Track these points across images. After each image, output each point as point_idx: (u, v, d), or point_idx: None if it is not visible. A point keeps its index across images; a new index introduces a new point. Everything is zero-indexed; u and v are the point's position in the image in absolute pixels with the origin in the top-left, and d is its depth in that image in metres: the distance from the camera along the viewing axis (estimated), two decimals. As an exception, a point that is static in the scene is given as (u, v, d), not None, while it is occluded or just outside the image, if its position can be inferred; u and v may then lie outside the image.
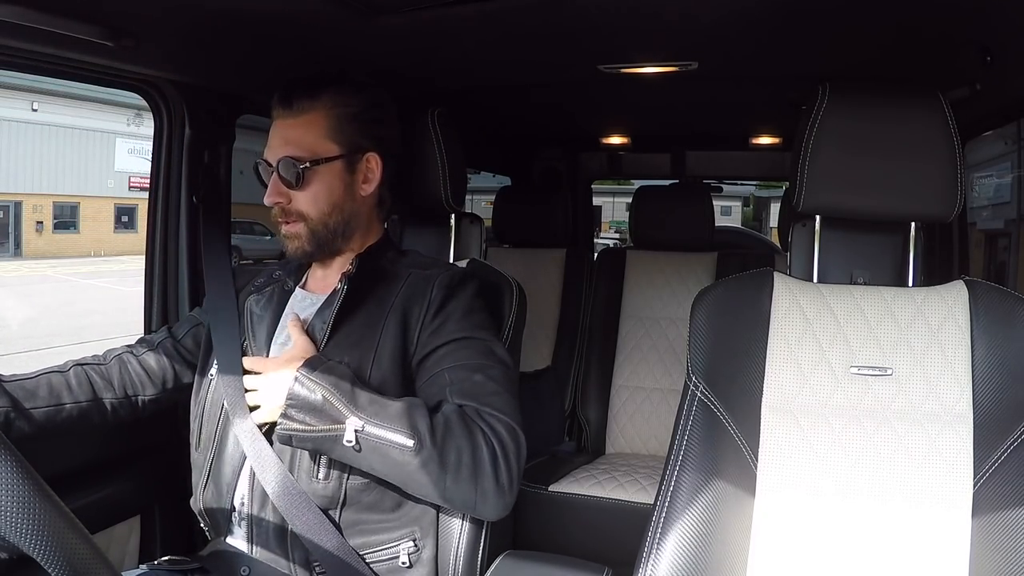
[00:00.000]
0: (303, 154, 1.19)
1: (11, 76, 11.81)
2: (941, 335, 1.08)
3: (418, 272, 1.22)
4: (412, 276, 1.22)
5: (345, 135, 1.21)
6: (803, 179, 1.11)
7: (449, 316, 1.17)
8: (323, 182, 1.20)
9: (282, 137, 1.21)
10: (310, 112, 1.20)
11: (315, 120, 1.20)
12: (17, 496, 0.59)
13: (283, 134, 1.21)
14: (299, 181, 1.19)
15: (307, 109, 1.20)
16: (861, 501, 1.06)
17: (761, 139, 2.96)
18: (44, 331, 9.26)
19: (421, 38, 1.47)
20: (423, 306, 1.17)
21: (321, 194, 1.21)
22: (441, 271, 1.22)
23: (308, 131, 1.20)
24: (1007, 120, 2.14)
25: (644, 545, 1.04)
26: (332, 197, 1.21)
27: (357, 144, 1.22)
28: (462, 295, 1.20)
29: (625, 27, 1.41)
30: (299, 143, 1.19)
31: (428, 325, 1.17)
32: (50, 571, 0.60)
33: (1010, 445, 1.02)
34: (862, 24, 1.36)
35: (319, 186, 1.20)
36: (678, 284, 2.53)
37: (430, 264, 1.26)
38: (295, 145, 1.19)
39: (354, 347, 1.16)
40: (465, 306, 1.19)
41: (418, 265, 1.25)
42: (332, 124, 1.21)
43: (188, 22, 1.25)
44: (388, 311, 1.18)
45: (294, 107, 1.20)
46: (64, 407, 1.21)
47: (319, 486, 1.12)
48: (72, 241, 19.98)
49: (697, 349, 1.11)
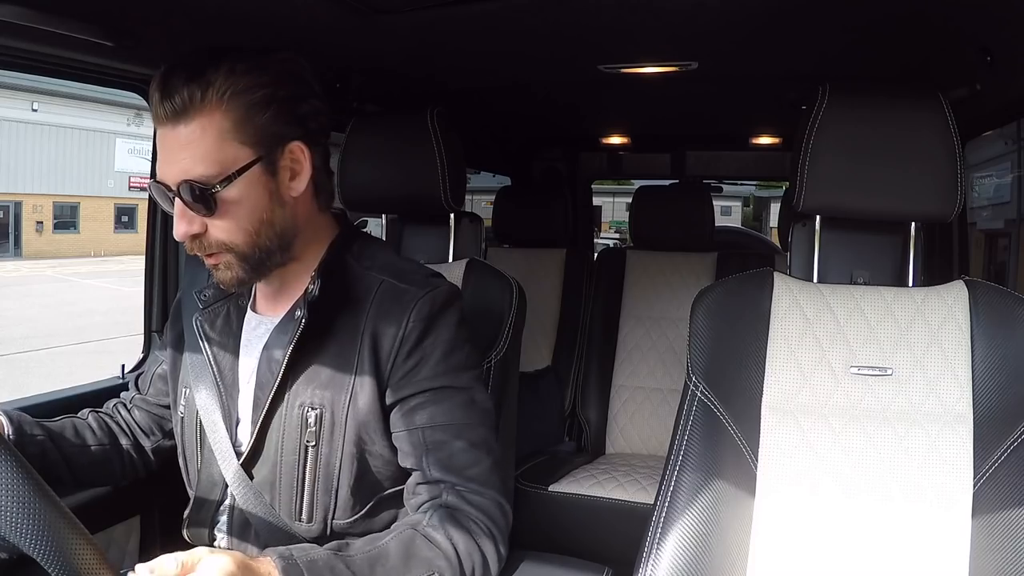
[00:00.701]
0: (208, 171, 0.92)
1: (11, 76, 11.82)
2: (941, 335, 1.08)
3: (391, 284, 1.03)
4: (383, 289, 1.03)
5: (256, 130, 0.94)
6: (803, 179, 1.11)
7: (425, 357, 1.00)
8: (242, 199, 0.95)
9: (174, 151, 0.93)
10: (202, 109, 0.91)
11: (211, 120, 0.92)
12: (17, 496, 0.59)
13: (174, 146, 0.93)
14: (211, 208, 0.93)
15: (196, 106, 0.91)
16: (861, 501, 1.06)
17: (761, 139, 2.96)
18: (44, 331, 9.26)
19: (421, 38, 1.47)
20: (396, 336, 0.99)
21: (242, 214, 0.95)
22: (418, 293, 1.01)
23: (205, 137, 0.92)
24: (1007, 120, 2.14)
25: (644, 545, 1.04)
26: (257, 214, 0.96)
27: (273, 137, 0.96)
28: (442, 328, 1.01)
29: (625, 27, 1.41)
30: (198, 156, 0.92)
31: (401, 364, 1.00)
32: (50, 571, 0.60)
33: (1010, 445, 1.02)
34: (862, 24, 1.36)
35: (238, 207, 0.95)
36: (678, 284, 2.53)
37: (404, 274, 1.05)
38: (193, 159, 0.92)
39: (325, 387, 1.01)
40: (445, 344, 1.01)
41: (390, 272, 1.05)
42: (235, 119, 0.92)
43: (188, 22, 1.25)
44: (360, 337, 1.00)
45: (178, 105, 0.91)
46: (89, 448, 1.15)
47: (303, 528, 1.04)
48: (72, 241, 19.99)
49: (697, 349, 1.11)
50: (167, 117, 0.92)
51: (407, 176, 1.43)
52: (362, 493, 1.04)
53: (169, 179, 0.94)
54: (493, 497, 1.00)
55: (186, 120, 0.92)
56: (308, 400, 1.01)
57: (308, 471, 1.02)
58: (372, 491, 1.05)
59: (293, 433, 1.02)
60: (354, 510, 1.04)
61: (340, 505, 1.03)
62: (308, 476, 1.02)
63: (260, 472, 1.05)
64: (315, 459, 1.02)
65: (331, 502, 1.03)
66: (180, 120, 0.92)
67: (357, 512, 1.04)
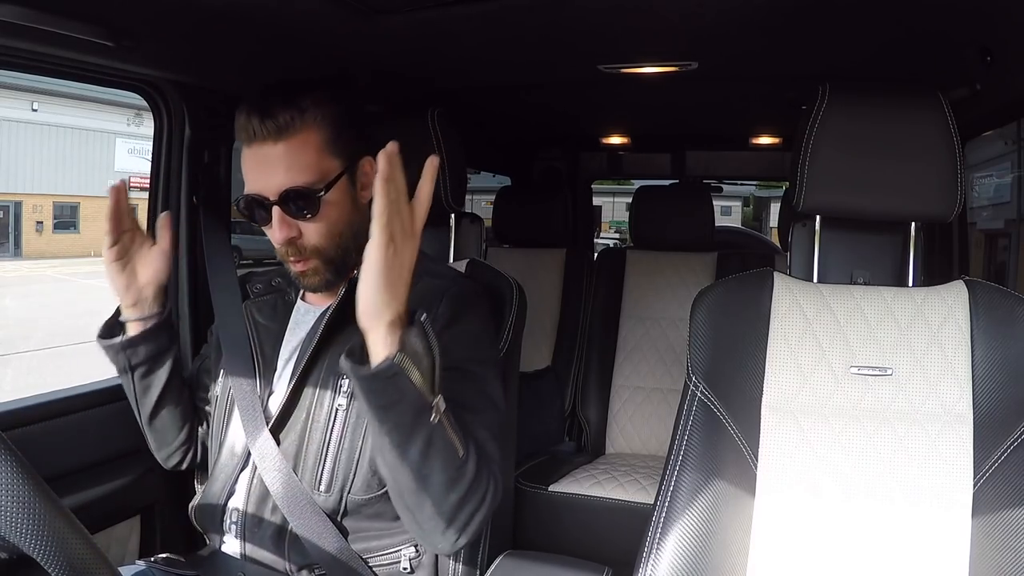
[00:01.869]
0: (310, 179, 1.05)
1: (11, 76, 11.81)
2: (941, 335, 1.08)
3: (427, 280, 1.11)
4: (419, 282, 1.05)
5: (342, 145, 1.09)
6: (803, 179, 1.11)
7: (455, 340, 1.06)
8: (336, 205, 1.09)
9: (276, 164, 1.05)
10: (302, 128, 1.05)
11: (310, 136, 1.06)
12: (17, 496, 0.59)
13: (276, 160, 1.05)
14: (314, 211, 1.06)
15: (297, 124, 1.05)
16: (861, 501, 1.06)
17: (761, 139, 2.96)
18: (44, 331, 9.26)
19: (421, 38, 1.47)
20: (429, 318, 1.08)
21: (334, 219, 1.09)
22: (451, 285, 1.12)
23: (306, 151, 1.06)
24: (1007, 120, 2.14)
25: (644, 545, 1.04)
26: (345, 217, 1.10)
27: (354, 152, 1.11)
28: (473, 317, 1.10)
29: (625, 27, 1.41)
30: (302, 167, 1.05)
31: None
32: (50, 571, 0.60)
33: (1010, 445, 1.02)
34: (862, 24, 1.36)
35: (333, 211, 1.08)
36: (678, 284, 2.53)
37: (439, 272, 1.17)
38: (298, 170, 1.05)
39: None
40: (474, 333, 1.10)
41: (426, 271, 1.13)
42: (328, 136, 1.08)
43: (188, 22, 1.25)
44: None
45: (280, 123, 1.04)
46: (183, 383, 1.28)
47: (320, 498, 1.10)
48: (72, 241, 19.97)
49: (697, 349, 1.11)
50: (268, 135, 1.04)
51: (407, 176, 1.43)
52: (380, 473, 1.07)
53: (270, 190, 1.06)
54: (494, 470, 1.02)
55: (287, 137, 1.05)
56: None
57: (335, 436, 1.10)
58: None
59: (326, 398, 1.11)
60: (370, 487, 1.09)
61: (359, 479, 1.09)
62: (334, 442, 1.10)
63: (287, 439, 1.12)
64: (343, 424, 1.10)
65: (351, 474, 1.09)
66: (282, 138, 1.05)
67: (373, 491, 1.09)
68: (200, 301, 1.66)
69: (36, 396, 1.44)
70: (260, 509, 1.13)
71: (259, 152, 1.06)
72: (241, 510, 1.14)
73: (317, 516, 1.09)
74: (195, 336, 1.66)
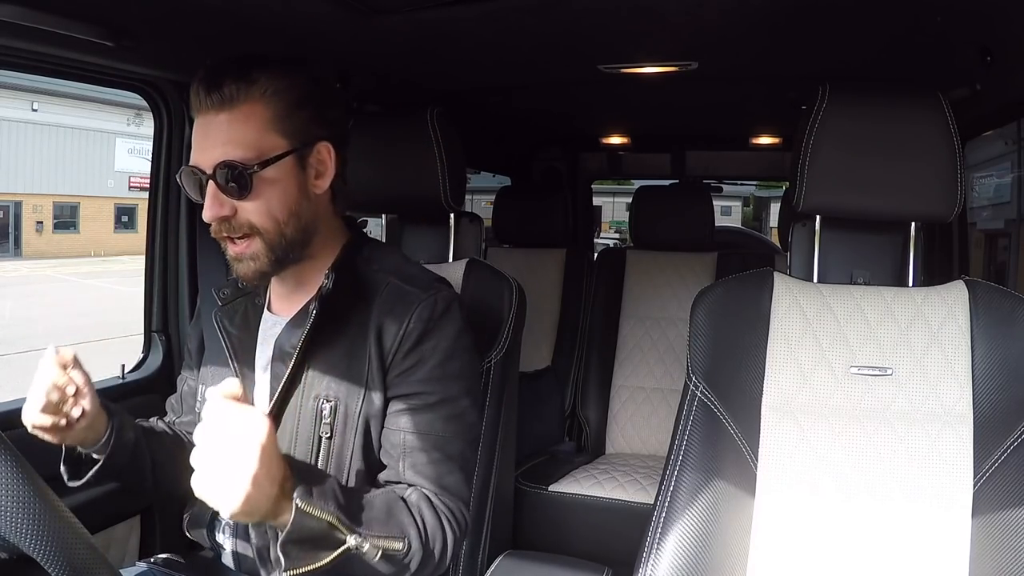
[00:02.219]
0: (247, 154, 0.99)
1: (11, 76, 11.82)
2: (941, 335, 1.08)
3: (397, 285, 1.08)
4: (390, 288, 1.08)
5: (292, 125, 1.02)
6: (803, 179, 1.11)
7: (423, 360, 1.04)
8: (275, 185, 1.01)
9: (215, 135, 1.00)
10: (247, 101, 0.99)
11: (253, 110, 1.00)
12: (17, 496, 0.59)
13: (216, 131, 1.00)
14: (246, 188, 0.99)
15: (242, 98, 0.99)
16: (861, 501, 1.06)
17: (761, 139, 2.96)
18: (44, 331, 9.26)
19: (421, 38, 1.47)
20: (397, 334, 1.04)
21: (274, 200, 1.02)
22: (421, 296, 1.06)
23: (248, 125, 1.00)
24: (1007, 120, 2.14)
25: (644, 545, 1.04)
26: (287, 202, 1.03)
27: (307, 134, 1.04)
28: (441, 334, 1.06)
29: (625, 27, 1.41)
30: (239, 141, 0.99)
31: (399, 362, 1.04)
32: (50, 571, 0.60)
33: (1010, 445, 1.02)
34: (862, 24, 1.36)
35: (271, 191, 1.01)
36: (678, 284, 2.53)
37: (412, 278, 1.10)
38: (235, 144, 0.99)
39: (340, 381, 1.05)
40: (443, 351, 1.05)
41: (399, 275, 1.10)
42: (276, 113, 1.01)
43: (188, 22, 1.25)
44: (368, 334, 1.05)
45: (226, 95, 0.99)
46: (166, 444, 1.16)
47: None
48: (72, 241, 19.97)
49: (697, 349, 1.11)
50: (212, 106, 1.00)
51: (407, 176, 1.43)
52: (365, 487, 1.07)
53: (206, 163, 1.00)
54: (459, 506, 1.05)
55: (230, 109, 0.99)
56: (324, 393, 1.06)
57: (320, 463, 1.05)
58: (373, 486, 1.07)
59: (308, 425, 1.06)
60: None
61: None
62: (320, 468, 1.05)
63: None
64: (327, 451, 1.05)
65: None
66: (224, 109, 0.99)
67: None
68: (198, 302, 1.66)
69: (36, 396, 1.43)
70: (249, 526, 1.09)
71: (203, 122, 1.02)
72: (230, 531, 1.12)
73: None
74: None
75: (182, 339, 1.66)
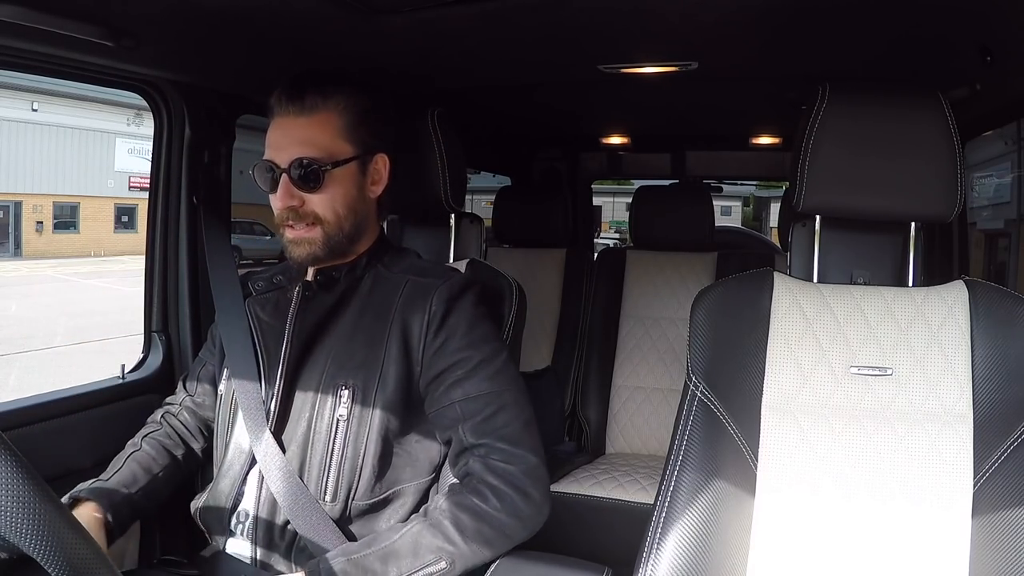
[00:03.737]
0: (319, 155, 1.14)
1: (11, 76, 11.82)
2: (941, 335, 1.08)
3: (415, 280, 1.19)
4: (409, 285, 1.19)
5: (359, 135, 1.18)
6: (803, 179, 1.11)
7: (452, 333, 1.14)
8: (340, 184, 1.16)
9: (293, 136, 1.15)
10: (323, 110, 1.15)
11: (329, 119, 1.16)
12: (17, 496, 0.59)
13: (294, 133, 1.15)
14: (317, 183, 1.14)
15: (320, 107, 1.15)
16: (861, 501, 1.06)
17: (761, 139, 2.96)
18: (45, 331, 9.26)
19: (421, 38, 1.47)
20: (423, 321, 1.14)
21: (338, 197, 1.16)
22: (439, 281, 1.17)
23: (323, 130, 1.15)
24: (1007, 120, 2.14)
25: (644, 545, 1.04)
26: (348, 200, 1.17)
27: (369, 144, 1.19)
28: (463, 306, 1.16)
29: (625, 27, 1.41)
30: (314, 143, 1.14)
31: (431, 344, 1.14)
32: (50, 571, 0.60)
33: (1010, 445, 1.02)
34: (862, 24, 1.36)
35: (336, 189, 1.16)
36: (678, 284, 2.53)
37: (427, 270, 1.22)
38: (310, 145, 1.14)
39: (359, 368, 1.14)
40: (468, 319, 1.15)
41: (415, 271, 1.22)
42: (346, 123, 1.17)
43: (188, 22, 1.25)
44: (390, 326, 1.15)
45: (306, 104, 1.14)
46: (158, 476, 1.25)
47: (326, 507, 1.12)
48: (72, 241, 19.97)
49: (697, 349, 1.11)
50: (292, 112, 1.15)
51: (407, 176, 1.43)
52: (383, 478, 1.14)
53: (282, 159, 1.14)
54: (523, 455, 1.10)
55: (308, 116, 1.15)
56: (342, 380, 1.15)
57: (337, 446, 1.13)
58: (393, 480, 1.15)
59: (326, 410, 1.14)
60: (374, 492, 1.13)
61: (362, 484, 1.13)
62: (336, 452, 1.13)
63: (290, 448, 1.15)
64: (345, 434, 1.13)
65: (355, 481, 1.12)
66: (303, 115, 1.15)
67: (376, 496, 1.14)
68: (200, 301, 1.66)
69: (36, 396, 1.44)
70: (272, 513, 1.13)
71: (280, 123, 1.16)
72: (252, 513, 1.15)
73: (320, 518, 1.10)
74: (195, 336, 1.66)
75: (182, 339, 1.66)
